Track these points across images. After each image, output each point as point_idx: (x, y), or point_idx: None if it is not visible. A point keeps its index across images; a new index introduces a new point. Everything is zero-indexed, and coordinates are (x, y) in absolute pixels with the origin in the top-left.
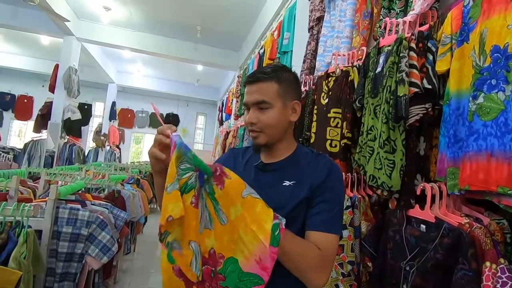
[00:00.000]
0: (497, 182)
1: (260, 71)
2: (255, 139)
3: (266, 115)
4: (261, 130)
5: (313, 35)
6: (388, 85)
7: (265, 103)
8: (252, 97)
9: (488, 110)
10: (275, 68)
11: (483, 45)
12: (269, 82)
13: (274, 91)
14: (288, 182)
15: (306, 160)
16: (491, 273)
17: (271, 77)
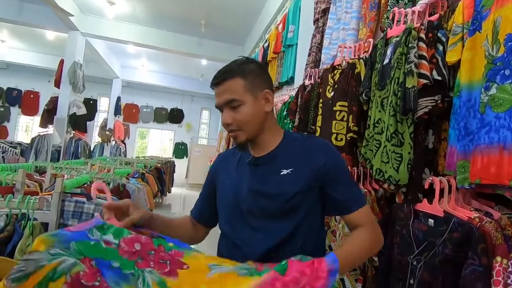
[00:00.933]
0: (509, 175)
1: (223, 70)
2: (235, 139)
3: (240, 113)
4: (238, 128)
5: (318, 27)
6: (396, 77)
7: (235, 101)
8: (221, 98)
9: (501, 102)
10: (237, 63)
11: (496, 34)
12: (233, 79)
13: (241, 86)
14: (286, 170)
15: (297, 146)
16: (501, 268)
17: (234, 73)
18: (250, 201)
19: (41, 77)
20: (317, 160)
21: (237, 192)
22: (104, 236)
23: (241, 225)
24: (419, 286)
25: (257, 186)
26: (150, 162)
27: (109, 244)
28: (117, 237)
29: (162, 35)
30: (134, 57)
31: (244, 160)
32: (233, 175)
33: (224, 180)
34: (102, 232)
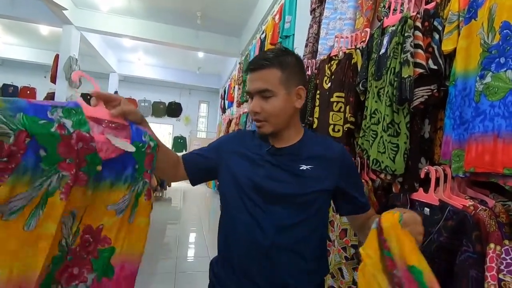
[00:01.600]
0: (503, 163)
1: (262, 57)
2: (260, 128)
3: (270, 104)
4: (265, 119)
5: (315, 17)
6: (392, 67)
7: (268, 91)
8: (255, 85)
9: (495, 90)
10: (278, 53)
11: (492, 21)
12: (271, 69)
13: (277, 78)
14: (305, 166)
15: (317, 145)
16: (495, 254)
17: (273, 63)
18: (265, 187)
19: (37, 72)
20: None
21: (252, 176)
22: (64, 119)
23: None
24: None
25: (274, 175)
26: None
27: (61, 129)
28: (75, 127)
29: (158, 28)
30: (130, 51)
31: (262, 147)
32: (248, 158)
33: (236, 160)
34: (65, 115)
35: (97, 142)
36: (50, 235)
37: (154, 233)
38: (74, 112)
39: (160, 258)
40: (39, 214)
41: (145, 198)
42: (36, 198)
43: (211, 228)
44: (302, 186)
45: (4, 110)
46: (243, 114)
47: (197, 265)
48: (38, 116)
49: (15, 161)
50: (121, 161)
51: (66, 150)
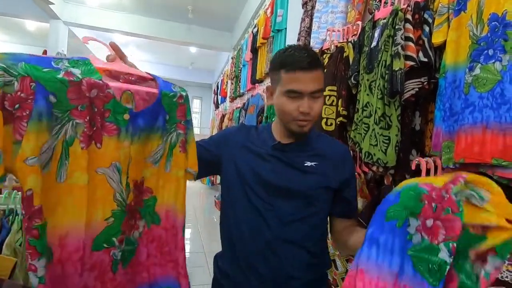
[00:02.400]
0: (491, 154)
1: (312, 57)
2: (303, 127)
3: (318, 104)
4: (312, 119)
5: (307, 11)
6: (383, 60)
7: (321, 91)
8: (311, 86)
9: (484, 82)
10: (316, 54)
11: (480, 13)
12: (320, 69)
13: (323, 79)
14: (310, 163)
15: (321, 144)
16: None
17: (320, 64)
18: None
19: None
20: (339, 162)
21: (258, 170)
22: (71, 68)
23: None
24: None
25: (280, 170)
26: None
27: (69, 75)
28: (85, 74)
29: (149, 22)
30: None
31: (267, 142)
32: (254, 153)
33: (241, 153)
34: (72, 65)
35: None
36: (83, 186)
37: None
38: (81, 63)
39: None
40: (65, 165)
41: (180, 150)
42: (58, 148)
43: (206, 223)
44: (307, 182)
45: (4, 60)
46: (236, 109)
47: (192, 261)
48: (41, 65)
49: (27, 107)
50: (150, 112)
51: (76, 96)
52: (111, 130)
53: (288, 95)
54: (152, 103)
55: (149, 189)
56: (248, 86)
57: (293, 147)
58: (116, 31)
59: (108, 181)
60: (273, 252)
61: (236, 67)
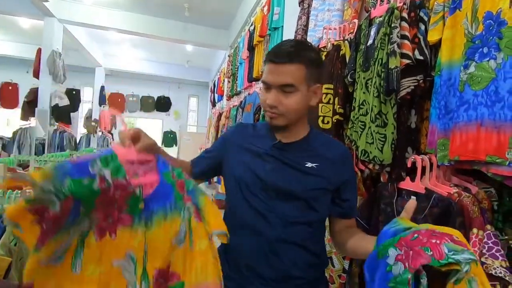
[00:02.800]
0: (486, 151)
1: (289, 50)
2: (272, 120)
3: (290, 100)
4: (281, 113)
5: (304, 9)
6: (379, 58)
7: (292, 86)
8: (278, 79)
9: (479, 79)
10: (303, 47)
11: (475, 11)
12: (299, 65)
13: (302, 74)
14: (311, 163)
15: (322, 144)
16: (477, 239)
17: (302, 60)
18: (270, 181)
19: (19, 67)
20: (340, 163)
21: (258, 170)
22: (104, 169)
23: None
24: None
25: (280, 170)
26: None
27: (102, 182)
28: (113, 175)
29: (145, 20)
30: (116, 44)
31: (267, 142)
32: (254, 152)
33: (241, 154)
34: (103, 165)
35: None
36: (96, 279)
37: None
38: (110, 158)
39: None
40: (80, 256)
41: (196, 220)
42: (74, 239)
43: None
44: (308, 183)
45: (54, 180)
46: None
47: None
48: (83, 176)
49: (58, 224)
50: (159, 194)
51: (103, 201)
52: (126, 221)
53: (263, 86)
54: (157, 185)
55: (176, 274)
56: (245, 84)
57: (294, 147)
58: (111, 29)
59: (123, 273)
60: (274, 252)
61: (233, 65)
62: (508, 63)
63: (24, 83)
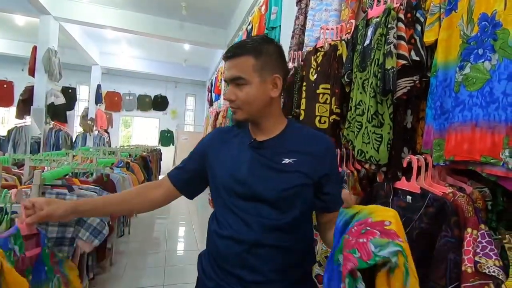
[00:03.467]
0: (480, 151)
1: (237, 45)
2: (234, 115)
3: (243, 92)
4: (238, 107)
5: (301, 8)
6: (376, 58)
7: (241, 79)
8: (229, 73)
9: (474, 81)
10: (254, 41)
11: (471, 13)
12: (245, 57)
13: (250, 66)
14: (288, 159)
15: (300, 137)
16: (472, 238)
17: (248, 51)
18: (247, 184)
19: (14, 65)
20: (321, 155)
21: (235, 173)
22: (14, 245)
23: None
24: None
25: (257, 172)
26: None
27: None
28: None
29: (142, 18)
30: (113, 42)
31: (245, 141)
32: (231, 155)
33: (219, 158)
34: (14, 241)
35: None
36: None
37: (143, 228)
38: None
39: (149, 252)
40: None
41: None
42: None
43: (200, 222)
44: (285, 181)
45: None
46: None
47: (186, 259)
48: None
49: None
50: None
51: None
52: None
53: (225, 84)
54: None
55: None
56: None
57: (270, 144)
58: (107, 27)
59: None
60: (253, 255)
61: None
62: (503, 65)
63: (19, 81)
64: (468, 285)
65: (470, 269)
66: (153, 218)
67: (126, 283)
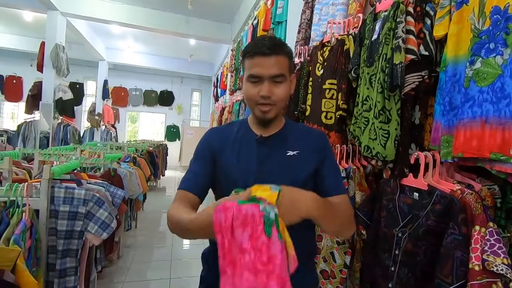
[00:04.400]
0: (490, 148)
1: (273, 43)
2: (266, 113)
3: (281, 89)
4: (274, 103)
5: (307, 3)
6: (384, 53)
7: (282, 76)
8: (270, 70)
9: (485, 76)
10: (279, 41)
11: (483, 6)
12: (283, 56)
13: (286, 65)
14: (292, 152)
15: (299, 131)
16: (480, 236)
17: (283, 50)
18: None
19: (22, 61)
20: (318, 145)
21: (244, 170)
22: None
23: None
24: (404, 256)
25: (266, 165)
26: (141, 146)
27: None
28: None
29: (147, 13)
30: (119, 38)
31: (249, 137)
32: (238, 153)
33: (227, 157)
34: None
35: None
36: None
37: (150, 222)
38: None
39: (155, 246)
40: None
41: None
42: None
43: None
44: (293, 172)
45: None
46: (236, 102)
47: (192, 253)
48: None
49: None
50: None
51: None
52: None
53: (250, 81)
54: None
55: None
56: None
57: (275, 138)
58: (114, 22)
59: None
60: None
61: (236, 60)
62: None
63: (28, 76)
64: (476, 283)
65: (477, 267)
66: (159, 212)
67: (133, 275)
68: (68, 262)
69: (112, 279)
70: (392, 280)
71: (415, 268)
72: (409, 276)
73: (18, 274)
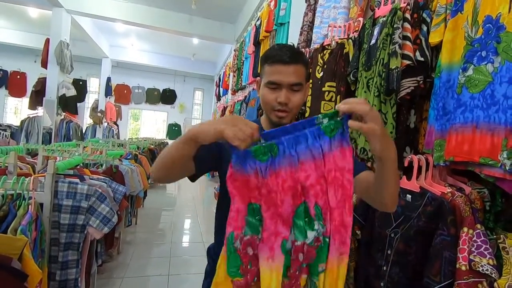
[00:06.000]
0: (480, 153)
1: (292, 52)
2: (281, 119)
3: (297, 97)
4: (290, 110)
5: (310, 5)
6: (381, 58)
7: (299, 85)
8: (289, 78)
9: (476, 83)
10: (298, 50)
11: (476, 15)
12: (301, 65)
13: (304, 74)
14: None
15: None
16: (467, 237)
17: (302, 59)
18: None
19: (27, 57)
20: None
21: None
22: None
23: None
24: (395, 255)
25: None
26: (143, 144)
27: None
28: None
29: (151, 12)
30: (123, 36)
31: None
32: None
33: None
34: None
35: None
36: None
37: (150, 219)
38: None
39: (155, 243)
40: None
41: None
42: None
43: (205, 214)
44: None
45: None
46: (237, 102)
47: (191, 250)
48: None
49: None
50: None
51: None
52: None
53: (269, 86)
54: None
55: None
56: (250, 79)
57: None
58: (118, 20)
59: None
60: None
61: (238, 60)
62: (505, 67)
63: (32, 72)
64: (462, 282)
65: (464, 266)
66: (159, 210)
67: (133, 271)
68: (70, 255)
69: (112, 274)
70: (384, 279)
71: (406, 267)
72: (400, 275)
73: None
